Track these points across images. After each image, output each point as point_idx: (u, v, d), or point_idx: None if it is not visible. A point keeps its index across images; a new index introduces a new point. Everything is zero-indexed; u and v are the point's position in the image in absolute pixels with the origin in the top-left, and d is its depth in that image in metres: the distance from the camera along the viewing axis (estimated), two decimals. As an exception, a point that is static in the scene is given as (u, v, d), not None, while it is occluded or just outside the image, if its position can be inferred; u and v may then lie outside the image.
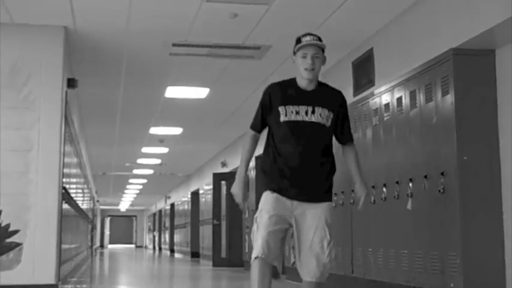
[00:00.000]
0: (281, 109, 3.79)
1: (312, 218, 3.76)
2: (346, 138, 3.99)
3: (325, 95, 3.85)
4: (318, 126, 3.77)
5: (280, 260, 3.77)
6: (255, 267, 3.68)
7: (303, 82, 3.83)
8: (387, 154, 6.08)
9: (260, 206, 3.85)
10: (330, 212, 3.82)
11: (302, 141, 3.76)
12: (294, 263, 3.92)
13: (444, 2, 5.20)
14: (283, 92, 3.84)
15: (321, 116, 3.77)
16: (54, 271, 6.07)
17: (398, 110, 5.87)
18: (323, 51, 3.86)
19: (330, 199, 3.89)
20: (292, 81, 3.88)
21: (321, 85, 3.90)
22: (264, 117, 3.90)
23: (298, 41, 3.84)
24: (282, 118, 3.78)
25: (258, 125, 3.94)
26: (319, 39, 3.83)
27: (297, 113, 3.77)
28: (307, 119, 3.76)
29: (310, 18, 6.10)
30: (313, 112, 3.77)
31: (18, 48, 6.18)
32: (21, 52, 6.16)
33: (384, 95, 6.18)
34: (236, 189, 3.96)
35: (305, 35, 3.84)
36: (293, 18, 6.12)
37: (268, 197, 3.83)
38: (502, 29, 4.58)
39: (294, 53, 3.85)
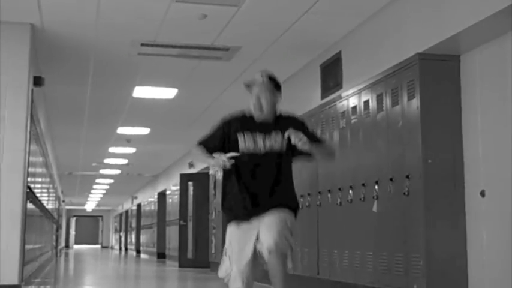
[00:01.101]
0: (240, 136, 3.81)
1: (269, 215, 3.72)
2: (314, 138, 3.93)
3: (281, 123, 3.84)
4: (273, 154, 3.79)
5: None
6: None
7: (259, 118, 3.85)
8: (354, 157, 6.14)
9: (228, 238, 3.87)
10: (288, 216, 3.76)
11: (258, 168, 3.78)
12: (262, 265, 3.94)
13: (411, 7, 5.27)
14: (241, 121, 3.87)
15: (276, 142, 3.79)
16: (18, 271, 5.99)
17: (365, 113, 5.93)
18: (276, 88, 3.85)
19: (289, 207, 3.82)
20: (248, 113, 3.89)
21: (279, 116, 3.90)
22: (222, 144, 3.88)
23: (248, 84, 3.87)
24: (241, 145, 3.79)
25: (213, 148, 3.91)
26: (270, 78, 3.85)
27: (254, 141, 3.79)
28: (263, 148, 3.78)
29: (278, 21, 6.13)
30: (269, 138, 3.79)
31: (-17, 45, 6.09)
32: (-14, 49, 6.08)
33: (351, 98, 6.24)
34: (213, 162, 3.85)
35: (260, 72, 3.87)
36: (262, 20, 6.14)
37: (233, 228, 3.84)
38: (466, 35, 4.66)
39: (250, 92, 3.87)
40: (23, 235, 6.15)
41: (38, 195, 8.90)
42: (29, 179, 6.57)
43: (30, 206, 7.30)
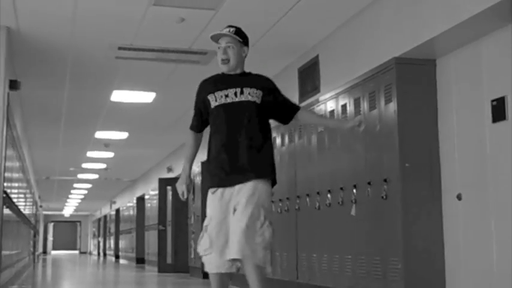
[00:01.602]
0: (210, 97, 3.84)
1: (243, 196, 3.67)
2: (293, 109, 4.08)
3: (252, 78, 3.93)
4: (248, 104, 3.80)
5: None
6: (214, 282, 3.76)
7: (227, 72, 3.91)
8: (332, 161, 6.15)
9: (209, 213, 3.79)
10: (264, 190, 3.72)
11: (234, 121, 3.78)
12: (238, 269, 3.87)
13: (388, 12, 5.30)
14: (211, 83, 3.93)
15: (250, 94, 3.82)
16: (-7, 277, 5.92)
17: (343, 117, 5.94)
18: (244, 42, 3.94)
19: (265, 177, 3.76)
20: (217, 74, 3.98)
21: (248, 73, 3.98)
22: (202, 114, 3.94)
23: (213, 38, 3.95)
24: (213, 104, 3.83)
25: (197, 124, 4.00)
26: (237, 31, 3.93)
27: (226, 96, 3.81)
28: (236, 99, 3.80)
29: (256, 24, 6.13)
30: (241, 93, 3.82)
31: (-42, 48, 6.01)
32: (-40, 52, 6.00)
33: (328, 102, 6.25)
34: (179, 183, 3.94)
35: (224, 28, 3.95)
36: (239, 24, 6.05)
37: (213, 201, 3.78)
38: (442, 40, 4.70)
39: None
40: (-2, 241, 6.08)
41: (14, 200, 8.80)
42: (5, 184, 6.49)
43: (6, 211, 7.22)
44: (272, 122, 4.02)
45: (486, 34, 4.57)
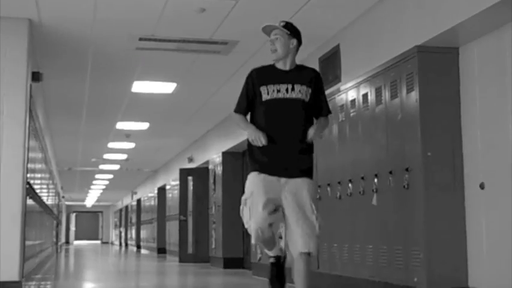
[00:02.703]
0: (263, 89, 4.11)
1: (299, 193, 4.00)
2: (323, 111, 4.30)
3: (301, 73, 4.20)
4: (298, 102, 4.10)
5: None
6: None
7: (279, 64, 4.19)
8: (353, 150, 6.13)
9: (250, 188, 4.05)
10: (313, 188, 4.13)
11: (284, 117, 4.09)
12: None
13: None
14: (264, 74, 4.19)
15: (300, 92, 4.10)
16: (18, 268, 5.99)
17: (364, 106, 5.92)
18: (292, 34, 4.26)
19: (311, 176, 4.16)
20: (270, 66, 4.25)
21: (298, 66, 4.25)
22: (250, 100, 4.17)
23: (264, 31, 4.29)
24: (264, 97, 4.10)
25: (243, 108, 4.21)
26: (286, 24, 4.26)
27: (278, 91, 4.09)
28: (287, 96, 4.09)
29: (277, 14, 6.09)
30: (292, 89, 4.10)
31: (-19, 41, 6.07)
32: (-17, 45, 6.06)
33: (350, 91, 6.22)
34: (252, 130, 4.08)
35: (268, 25, 4.27)
36: (260, 14, 6.12)
37: (256, 179, 4.03)
38: (465, 27, 4.65)
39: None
40: (23, 231, 6.14)
41: (37, 191, 8.89)
42: (28, 175, 6.56)
43: (30, 202, 7.30)
44: None
45: (510, 21, 4.51)
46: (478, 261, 4.87)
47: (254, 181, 4.05)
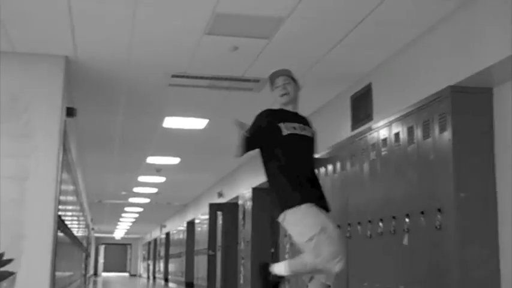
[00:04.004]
0: (282, 125, 4.33)
1: (331, 221, 4.24)
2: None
3: (304, 117, 4.62)
4: (311, 140, 4.49)
5: None
6: None
7: (287, 107, 4.52)
8: (384, 189, 6.08)
9: (316, 222, 4.13)
10: None
11: (305, 153, 4.38)
12: None
13: (443, 39, 5.25)
14: (279, 113, 4.48)
15: (308, 131, 4.49)
16: (48, 300, 6.02)
17: (396, 145, 5.89)
18: (294, 80, 4.60)
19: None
20: (280, 108, 4.55)
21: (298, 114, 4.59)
22: (260, 139, 4.30)
23: (271, 77, 4.59)
24: (285, 132, 4.30)
25: (250, 146, 4.30)
26: (290, 73, 4.60)
27: (294, 128, 4.37)
28: (303, 133, 4.41)
29: (309, 53, 6.16)
30: (304, 128, 4.46)
31: (19, 76, 6.19)
32: (21, 81, 6.18)
33: (381, 130, 6.20)
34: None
35: (275, 72, 4.59)
36: (292, 53, 6.17)
37: (311, 211, 4.16)
38: (499, 68, 4.62)
39: (272, 89, 4.59)
40: (53, 264, 6.18)
41: (68, 223, 8.96)
42: (59, 207, 6.62)
43: (60, 234, 7.35)
44: None
45: (544, 62, 4.48)
46: (512, 305, 4.76)
47: (317, 215, 4.17)
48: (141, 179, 14.98)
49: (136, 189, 17.08)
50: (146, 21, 5.43)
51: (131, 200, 19.60)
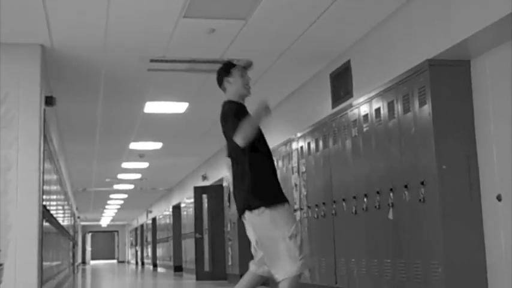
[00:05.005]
0: None
1: None
2: None
3: None
4: None
5: None
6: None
7: (243, 100, 4.45)
8: (367, 165, 6.12)
9: (295, 223, 4.07)
10: None
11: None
12: None
13: (419, 13, 5.27)
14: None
15: None
16: (36, 291, 6.01)
17: (377, 121, 5.91)
18: None
19: None
20: (240, 102, 4.45)
21: None
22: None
23: (232, 63, 4.46)
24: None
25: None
26: None
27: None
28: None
29: (286, 32, 6.14)
30: None
31: (-6, 67, 6.13)
32: (-3, 71, 6.12)
33: (362, 106, 6.23)
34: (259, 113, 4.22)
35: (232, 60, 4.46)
36: (270, 33, 6.15)
37: (292, 213, 4.21)
38: (476, 40, 4.64)
39: (228, 74, 4.47)
40: (40, 254, 6.17)
41: (53, 213, 8.93)
42: (44, 197, 6.59)
43: (46, 224, 7.33)
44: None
45: (520, 32, 4.51)
46: (497, 273, 4.83)
47: (294, 216, 4.21)
48: (125, 165, 14.94)
49: (120, 176, 17.03)
50: (121, 6, 5.38)
51: (116, 186, 19.55)
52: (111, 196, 23.18)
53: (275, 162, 4.33)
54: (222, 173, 13.01)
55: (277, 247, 3.96)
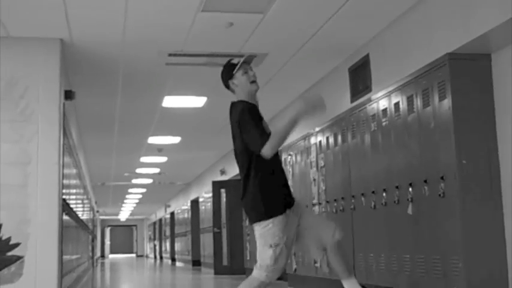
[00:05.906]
0: (264, 124, 4.25)
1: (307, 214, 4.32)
2: None
3: None
4: None
5: None
6: None
7: (253, 101, 4.32)
8: (386, 159, 6.09)
9: (282, 234, 4.05)
10: None
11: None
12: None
13: (439, 7, 5.22)
14: (257, 109, 4.33)
15: None
16: (56, 283, 6.05)
17: (396, 115, 5.88)
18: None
19: None
20: (250, 102, 4.32)
21: None
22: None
23: (232, 64, 4.23)
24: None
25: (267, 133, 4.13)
26: None
27: (267, 128, 4.24)
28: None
29: (305, 26, 6.12)
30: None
31: (15, 61, 6.16)
32: (17, 65, 6.15)
33: (381, 101, 6.19)
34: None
35: (230, 60, 4.28)
36: (288, 26, 6.13)
37: (285, 226, 4.08)
38: (497, 33, 4.59)
39: (230, 76, 4.26)
40: (60, 247, 6.21)
41: (72, 206, 8.99)
42: (63, 191, 6.64)
43: (65, 217, 7.38)
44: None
45: (542, 25, 4.45)
46: (518, 269, 4.79)
47: (285, 229, 4.07)
48: (143, 159, 15.00)
49: (138, 170, 17.10)
50: (140, 0, 5.39)
51: (134, 181, 19.64)
52: (130, 190, 23.29)
53: (293, 158, 4.30)
54: (240, 167, 12.99)
55: (259, 249, 4.11)
